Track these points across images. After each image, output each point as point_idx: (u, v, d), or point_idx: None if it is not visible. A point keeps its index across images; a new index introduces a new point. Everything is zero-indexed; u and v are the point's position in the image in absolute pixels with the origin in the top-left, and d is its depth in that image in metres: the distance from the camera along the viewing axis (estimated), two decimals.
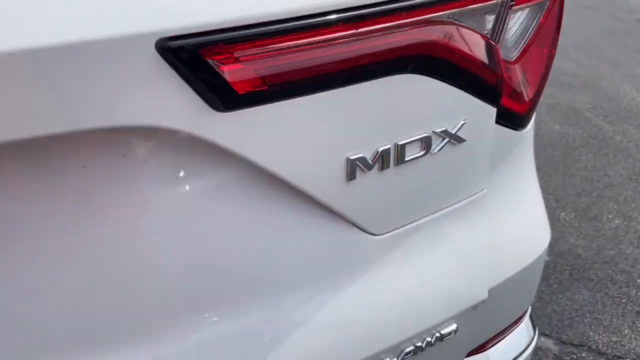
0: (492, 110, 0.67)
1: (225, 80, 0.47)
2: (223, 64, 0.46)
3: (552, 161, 2.96)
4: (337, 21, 0.51)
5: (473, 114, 0.64)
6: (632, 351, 1.78)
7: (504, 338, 0.84)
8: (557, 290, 2.04)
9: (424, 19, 0.56)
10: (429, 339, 0.66)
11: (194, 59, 0.45)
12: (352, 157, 0.57)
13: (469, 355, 0.79)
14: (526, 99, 0.77)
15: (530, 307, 0.92)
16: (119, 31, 0.43)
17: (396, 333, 0.65)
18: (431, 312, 0.68)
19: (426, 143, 0.61)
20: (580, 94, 3.88)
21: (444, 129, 0.62)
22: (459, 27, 0.59)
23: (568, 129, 3.33)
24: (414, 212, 0.66)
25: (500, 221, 0.75)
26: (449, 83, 0.60)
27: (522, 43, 0.76)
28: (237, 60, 0.47)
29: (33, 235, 0.50)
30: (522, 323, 0.88)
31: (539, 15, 0.77)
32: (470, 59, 0.61)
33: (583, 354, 1.77)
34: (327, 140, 0.56)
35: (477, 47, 0.62)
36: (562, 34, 0.93)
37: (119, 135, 0.49)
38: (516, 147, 0.78)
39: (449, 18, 0.58)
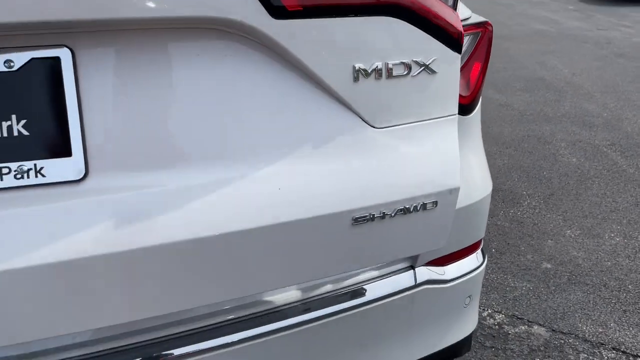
0: (456, 56, 1.02)
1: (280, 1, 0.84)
2: None
3: (565, 188, 3.24)
4: None
5: (442, 55, 0.98)
6: (614, 340, 2.04)
7: (459, 259, 1.17)
8: (554, 292, 2.31)
9: None
10: (416, 205, 0.97)
11: None
12: (356, 66, 0.90)
13: (429, 264, 1.13)
14: (467, 94, 1.14)
15: (482, 242, 1.25)
16: None
17: (384, 195, 0.98)
18: (414, 185, 0.99)
19: (408, 67, 0.95)
20: (602, 133, 4.15)
21: (420, 60, 0.97)
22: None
23: (584, 162, 3.61)
24: (402, 117, 0.99)
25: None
26: (425, 30, 0.96)
27: (466, 57, 1.14)
28: None
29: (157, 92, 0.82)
30: (475, 252, 1.22)
31: (475, 40, 1.16)
32: (439, 17, 0.97)
33: (570, 340, 2.03)
34: (340, 51, 0.89)
35: (445, 12, 0.98)
36: (590, 80, 1.33)
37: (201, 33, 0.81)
38: (465, 125, 1.14)
39: None
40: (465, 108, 1.13)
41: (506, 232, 2.78)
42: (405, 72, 0.96)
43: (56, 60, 0.75)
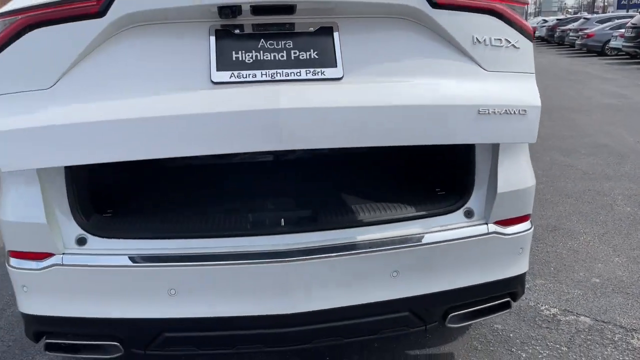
0: (530, 44, 1.79)
1: None
2: None
3: (617, 229, 3.84)
4: None
5: (522, 40, 1.76)
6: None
7: (515, 224, 1.92)
8: (600, 297, 2.93)
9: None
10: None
11: None
12: (474, 36, 1.73)
13: (496, 223, 1.89)
14: None
15: (530, 216, 2.00)
16: None
17: (497, 99, 1.73)
18: (515, 99, 1.74)
19: (504, 41, 1.76)
20: None
21: (510, 39, 1.72)
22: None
23: (638, 211, 4.19)
24: (502, 67, 1.74)
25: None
26: (512, 26, 1.75)
27: None
28: None
29: None
30: (526, 222, 1.96)
31: None
32: (518, 20, 1.78)
33: (609, 327, 2.65)
34: (466, 28, 1.73)
35: (521, 19, 1.81)
36: None
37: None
38: (520, 145, 1.98)
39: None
40: None
41: (564, 257, 3.43)
42: (502, 44, 1.77)
43: (330, 28, 1.70)
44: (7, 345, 2.63)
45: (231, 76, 1.62)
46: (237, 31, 1.67)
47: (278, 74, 1.64)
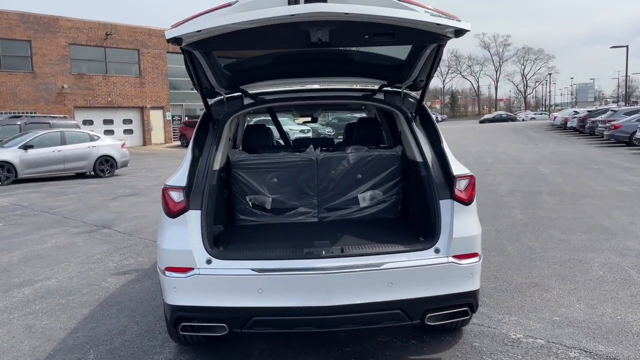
0: None
1: None
2: None
3: (586, 285, 4.86)
4: None
5: None
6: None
7: (467, 258, 3.10)
8: (552, 329, 3.97)
9: None
10: None
11: None
12: None
13: (454, 257, 3.07)
14: (467, 198, 3.21)
15: (479, 253, 3.13)
16: None
17: None
18: None
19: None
20: (631, 259, 5.69)
21: None
22: None
23: (607, 274, 5.20)
24: None
25: None
26: None
27: (467, 187, 3.27)
28: None
29: None
30: (475, 257, 3.14)
31: (470, 182, 3.31)
32: None
33: (563, 344, 3.69)
34: None
35: None
36: None
37: None
38: (469, 207, 3.19)
39: None
40: (467, 203, 3.19)
41: (536, 304, 4.48)
42: None
43: None
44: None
45: None
46: None
47: None
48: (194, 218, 3.13)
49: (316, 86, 4.14)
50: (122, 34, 32.66)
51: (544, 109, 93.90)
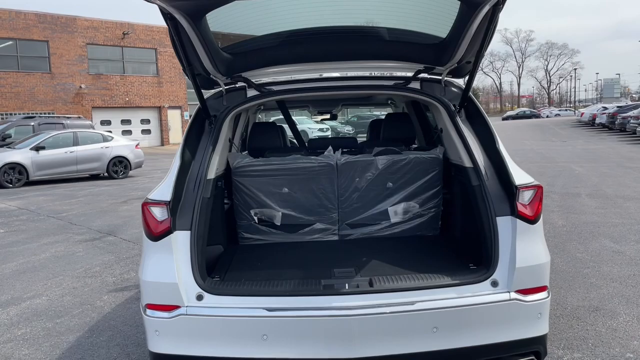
0: None
1: None
2: None
3: None
4: None
5: None
6: None
7: (534, 293, 2.40)
8: None
9: None
10: None
11: None
12: None
13: (517, 292, 2.37)
14: (533, 215, 2.49)
15: (547, 287, 2.47)
16: None
17: None
18: None
19: None
20: None
21: None
22: None
23: None
24: None
25: None
26: None
27: (532, 200, 2.56)
28: None
29: None
30: (544, 291, 2.43)
31: (535, 193, 2.59)
32: None
33: None
34: None
35: None
36: None
37: None
38: (535, 227, 2.49)
39: None
40: (533, 221, 2.47)
41: (602, 335, 3.74)
42: None
43: None
44: None
45: None
46: None
47: None
48: (181, 241, 2.47)
49: (335, 74, 3.42)
50: (139, 33, 32.33)
51: (569, 105, 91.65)
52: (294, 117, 5.63)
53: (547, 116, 67.42)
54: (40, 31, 28.43)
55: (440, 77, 3.15)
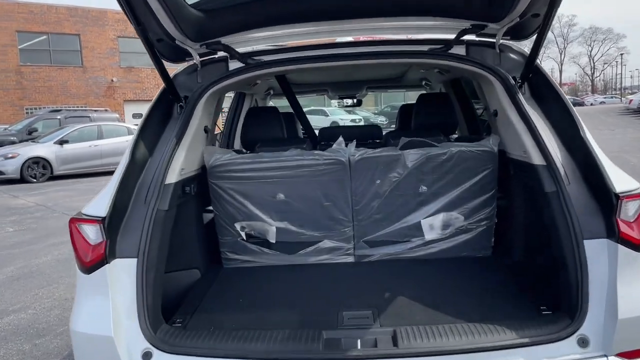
0: None
1: None
2: None
3: None
4: None
5: None
6: None
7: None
8: None
9: None
10: None
11: None
12: None
13: (618, 355, 1.55)
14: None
15: None
16: None
17: None
18: None
19: None
20: None
21: None
22: None
23: None
24: None
25: None
26: None
27: (637, 217, 1.73)
28: None
29: None
30: None
31: None
32: None
33: None
34: None
35: None
36: None
37: None
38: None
39: None
40: (638, 247, 1.64)
41: None
42: None
43: None
44: None
45: None
46: None
47: None
48: (123, 273, 1.74)
49: (349, 39, 2.56)
50: None
51: (614, 92, 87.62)
52: (325, 108, 4.67)
53: (592, 104, 64.46)
54: (72, 25, 28.41)
55: (494, 40, 2.29)
